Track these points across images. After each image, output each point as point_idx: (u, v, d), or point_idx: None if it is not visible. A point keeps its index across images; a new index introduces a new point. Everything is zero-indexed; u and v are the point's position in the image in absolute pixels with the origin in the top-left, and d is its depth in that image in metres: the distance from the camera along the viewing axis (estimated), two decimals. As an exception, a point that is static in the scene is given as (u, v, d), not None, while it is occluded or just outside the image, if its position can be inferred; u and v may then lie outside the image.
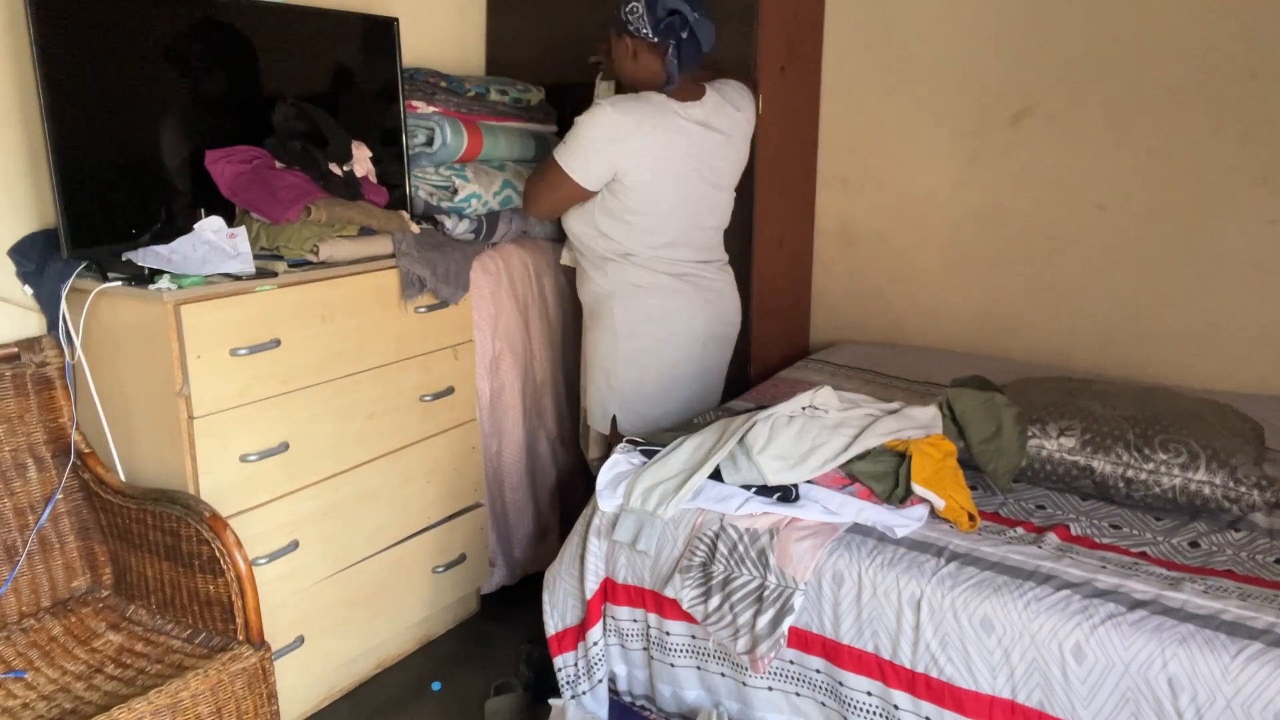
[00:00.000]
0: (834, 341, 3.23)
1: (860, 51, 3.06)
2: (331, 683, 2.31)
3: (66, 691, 1.75)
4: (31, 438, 1.99)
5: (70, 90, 1.86)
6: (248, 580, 1.79)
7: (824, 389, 2.11)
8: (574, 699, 2.02)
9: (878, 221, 3.15)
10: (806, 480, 1.88)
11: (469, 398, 2.51)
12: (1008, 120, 2.88)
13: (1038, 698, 1.57)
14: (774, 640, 1.73)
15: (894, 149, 3.07)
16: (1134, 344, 2.81)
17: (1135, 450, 1.89)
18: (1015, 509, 1.91)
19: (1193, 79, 2.61)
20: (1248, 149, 2.58)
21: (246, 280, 1.97)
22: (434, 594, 2.50)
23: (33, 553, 1.96)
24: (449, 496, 2.49)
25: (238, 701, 1.75)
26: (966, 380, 2.19)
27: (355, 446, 2.22)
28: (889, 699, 1.69)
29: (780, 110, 2.83)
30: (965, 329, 3.07)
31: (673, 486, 1.89)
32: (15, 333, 2.03)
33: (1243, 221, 2.62)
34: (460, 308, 2.43)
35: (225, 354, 1.91)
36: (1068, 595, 1.58)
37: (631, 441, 2.08)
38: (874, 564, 1.72)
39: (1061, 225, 2.86)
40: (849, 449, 1.90)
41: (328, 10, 2.34)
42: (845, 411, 2.05)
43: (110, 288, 1.89)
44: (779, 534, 1.79)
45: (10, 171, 2.00)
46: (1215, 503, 1.84)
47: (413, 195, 2.51)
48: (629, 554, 1.94)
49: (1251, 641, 1.45)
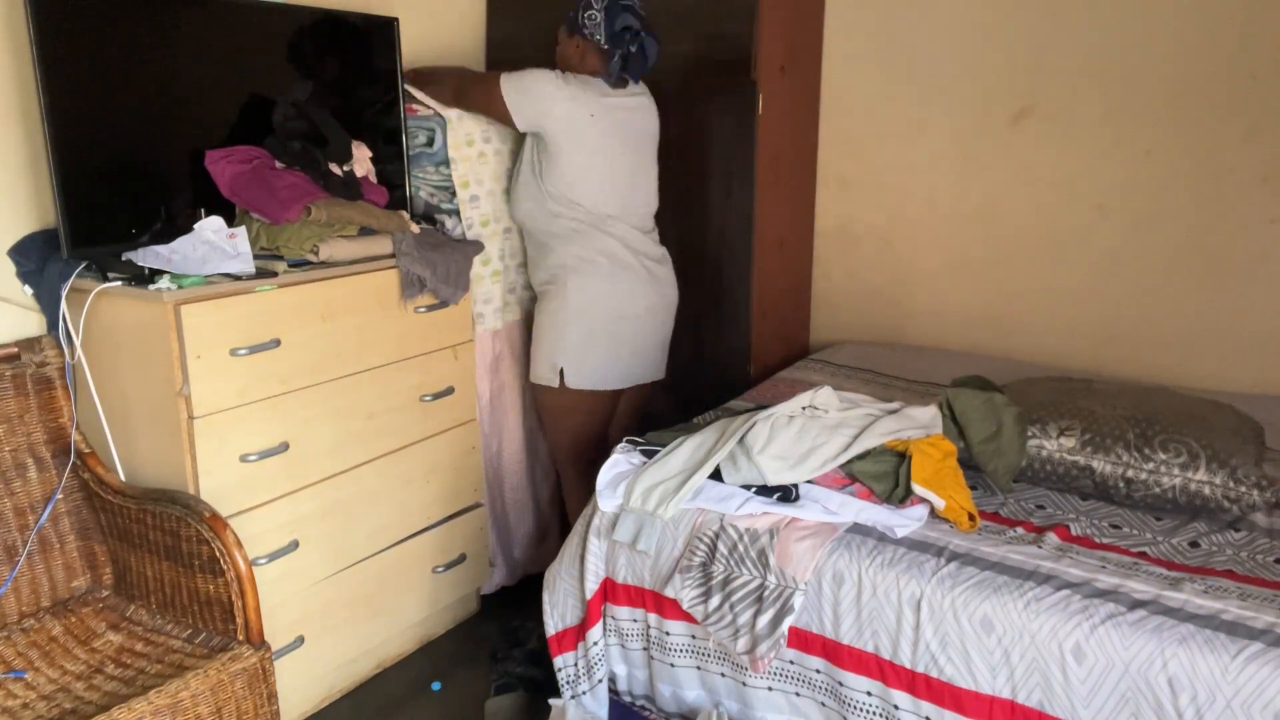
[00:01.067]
0: (834, 341, 3.23)
1: (860, 51, 3.06)
2: (331, 683, 2.31)
3: (66, 691, 1.75)
4: (31, 438, 1.99)
5: (70, 90, 1.86)
6: (248, 580, 1.79)
7: (824, 389, 2.10)
8: (574, 699, 2.02)
9: (878, 221, 3.15)
10: (806, 480, 1.88)
11: (469, 398, 2.51)
12: (1008, 120, 2.88)
13: (1038, 697, 1.57)
14: (774, 640, 1.73)
15: (894, 149, 3.07)
16: (1134, 344, 2.81)
17: (1135, 450, 1.89)
18: (1015, 509, 1.91)
19: (1193, 79, 2.61)
20: (1248, 149, 2.58)
21: (246, 280, 1.97)
22: (434, 594, 2.49)
23: (33, 553, 1.96)
24: (449, 496, 2.49)
25: (238, 701, 1.75)
26: (966, 380, 2.19)
27: (355, 446, 2.22)
28: (889, 699, 1.69)
29: (780, 110, 2.83)
30: (965, 329, 3.07)
31: (673, 486, 1.89)
32: (15, 333, 2.03)
33: (1243, 221, 2.61)
34: (460, 308, 2.43)
35: (225, 354, 1.91)
36: (1068, 595, 1.58)
37: (631, 441, 2.08)
38: (874, 564, 1.72)
39: (1061, 225, 2.86)
40: (849, 449, 1.90)
41: (328, 10, 2.34)
42: (845, 411, 2.05)
43: (110, 288, 1.89)
44: (779, 534, 1.79)
45: (10, 171, 2.00)
46: (1215, 503, 1.84)
47: (413, 195, 2.51)
48: (629, 554, 1.94)
49: (1251, 641, 1.45)
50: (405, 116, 2.46)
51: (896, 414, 2.03)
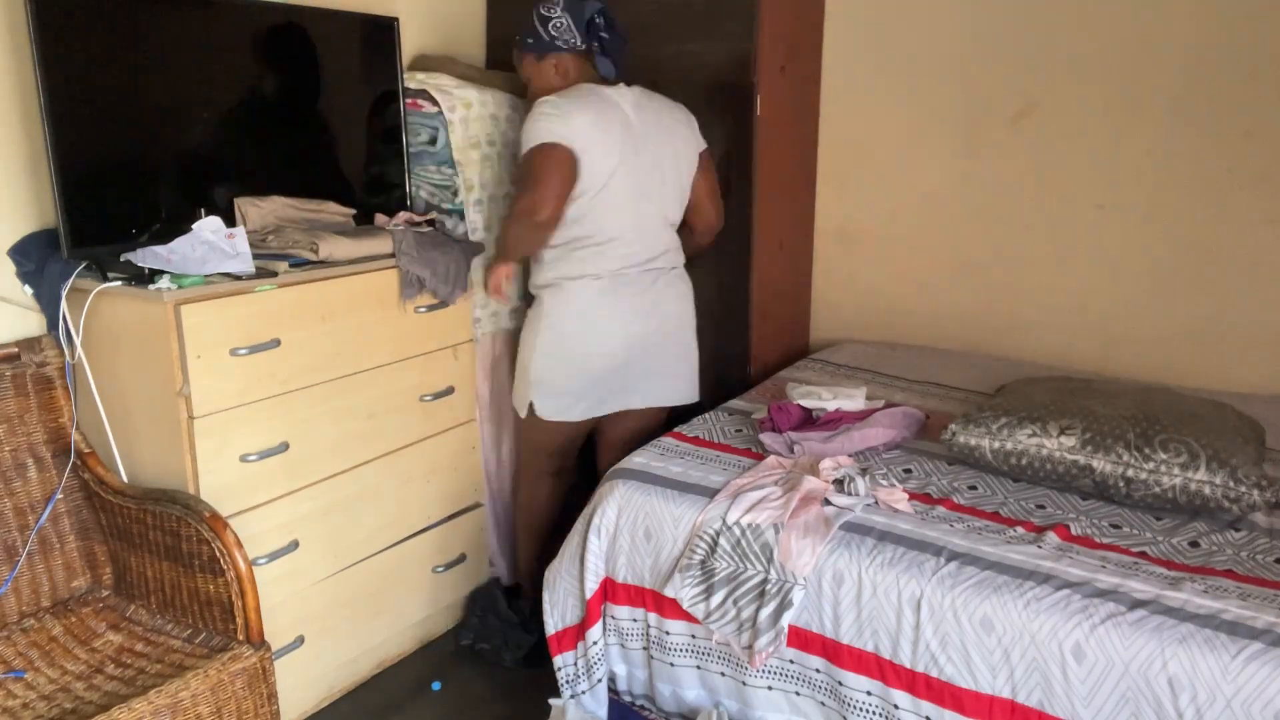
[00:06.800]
0: (834, 341, 3.23)
1: (860, 51, 3.06)
2: (331, 683, 2.31)
3: (66, 691, 1.75)
4: (31, 438, 1.99)
5: (70, 90, 1.86)
6: (248, 580, 1.79)
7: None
8: (573, 698, 2.02)
9: (878, 221, 3.15)
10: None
11: (469, 398, 2.51)
12: (1008, 120, 2.88)
13: (1038, 697, 1.57)
14: (774, 635, 1.73)
15: (894, 149, 3.07)
16: (1134, 344, 2.81)
17: (1135, 450, 1.89)
18: (1015, 509, 1.91)
19: (1193, 79, 2.61)
20: (1248, 149, 2.57)
21: (246, 280, 1.97)
22: (434, 594, 2.50)
23: (33, 553, 1.96)
24: (449, 496, 2.49)
25: (238, 701, 1.75)
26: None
27: (355, 446, 2.22)
28: (889, 699, 1.69)
29: (780, 110, 2.83)
30: (965, 329, 3.06)
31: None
32: (15, 333, 2.03)
33: (1243, 221, 2.61)
34: (460, 308, 2.43)
35: (225, 354, 1.91)
36: (1068, 595, 1.58)
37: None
38: (874, 564, 1.72)
39: (1061, 225, 2.86)
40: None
41: (328, 10, 2.34)
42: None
43: (110, 288, 1.89)
44: (782, 529, 1.79)
45: (10, 171, 2.00)
46: (1215, 502, 1.84)
47: (413, 195, 2.51)
48: (629, 553, 1.94)
49: (1251, 641, 1.45)
50: (406, 114, 2.46)
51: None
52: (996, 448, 2.00)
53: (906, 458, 2.14)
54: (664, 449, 2.15)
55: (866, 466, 2.03)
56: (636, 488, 1.99)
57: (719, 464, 2.07)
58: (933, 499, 1.93)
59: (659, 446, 2.17)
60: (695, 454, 2.13)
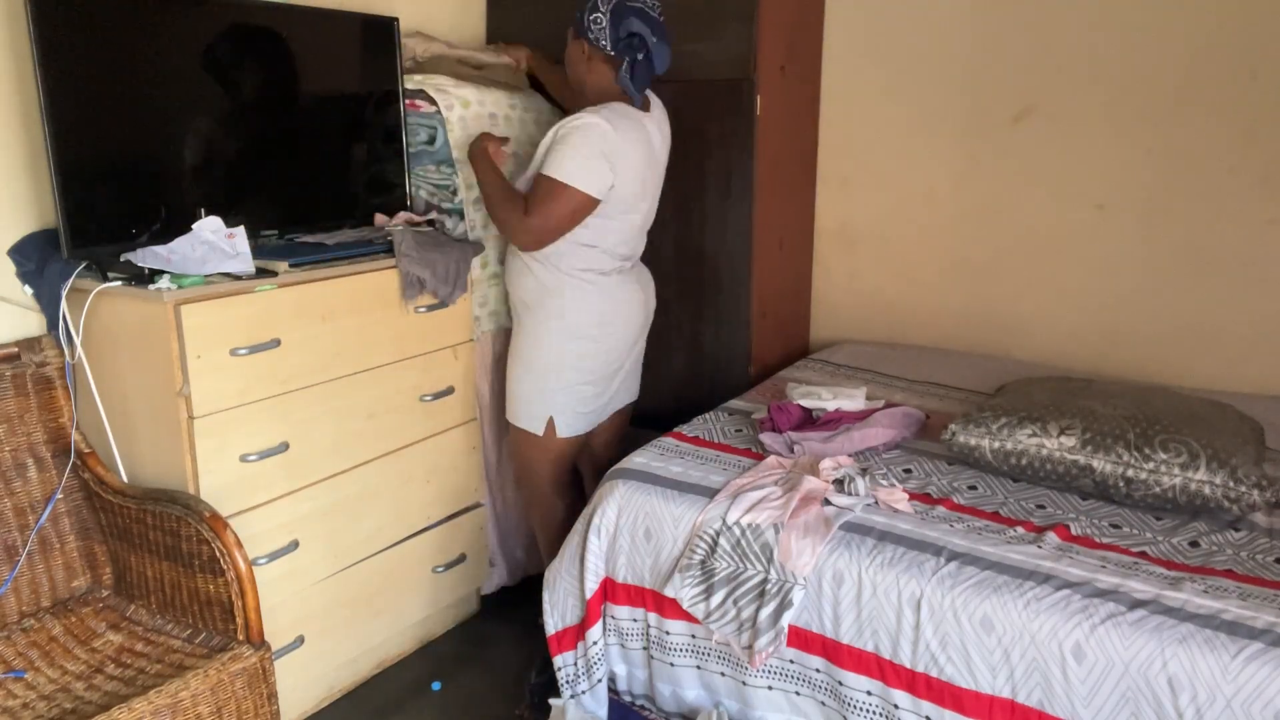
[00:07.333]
0: (834, 341, 3.23)
1: (860, 51, 3.06)
2: (331, 683, 2.31)
3: (66, 691, 1.75)
4: (31, 438, 1.99)
5: (70, 90, 1.86)
6: (248, 580, 1.79)
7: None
8: (573, 698, 2.02)
9: (878, 221, 3.15)
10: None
11: (469, 398, 2.51)
12: (1008, 120, 2.88)
13: (1038, 697, 1.57)
14: (774, 635, 1.73)
15: (894, 149, 3.07)
16: (1134, 344, 2.80)
17: (1135, 450, 1.89)
18: (1015, 509, 1.91)
19: (1193, 79, 2.61)
20: (1248, 149, 2.58)
21: (246, 280, 1.97)
22: (434, 594, 2.50)
23: (33, 553, 1.96)
24: (449, 496, 2.49)
25: (238, 701, 1.75)
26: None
27: (355, 446, 2.22)
28: (889, 698, 1.69)
29: (780, 110, 2.83)
30: (965, 329, 3.06)
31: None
32: (15, 333, 2.03)
33: (1242, 221, 2.61)
34: (460, 308, 2.43)
35: (225, 354, 1.91)
36: (1068, 595, 1.58)
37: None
38: (874, 563, 1.72)
39: (1061, 225, 2.86)
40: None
41: (328, 10, 2.34)
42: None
43: (110, 288, 1.89)
44: (782, 529, 1.79)
45: (10, 171, 2.00)
46: (1215, 502, 1.84)
47: (413, 195, 2.51)
48: (629, 553, 1.94)
49: (1251, 641, 1.45)
50: (406, 114, 2.46)
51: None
52: (996, 448, 2.01)
53: (906, 458, 2.14)
54: (664, 449, 2.15)
55: (866, 466, 2.03)
56: (636, 488, 1.99)
57: (719, 464, 2.07)
58: (933, 499, 1.93)
59: (659, 446, 2.17)
60: (695, 454, 2.13)
